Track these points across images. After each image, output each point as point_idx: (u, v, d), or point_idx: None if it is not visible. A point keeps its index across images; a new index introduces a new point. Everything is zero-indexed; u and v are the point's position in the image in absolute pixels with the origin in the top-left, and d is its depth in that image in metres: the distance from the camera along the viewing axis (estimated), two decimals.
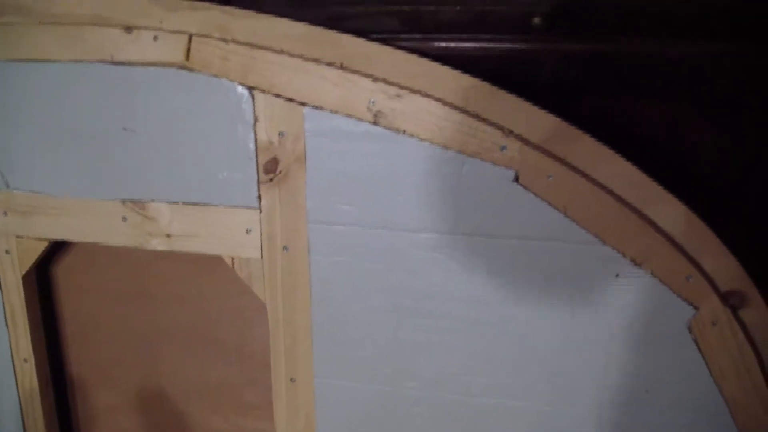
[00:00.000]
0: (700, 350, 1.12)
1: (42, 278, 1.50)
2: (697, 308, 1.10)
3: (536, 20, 1.12)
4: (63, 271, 1.51)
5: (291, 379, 1.32)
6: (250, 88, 1.18)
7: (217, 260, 1.29)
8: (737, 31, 1.10)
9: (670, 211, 1.08)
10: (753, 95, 1.11)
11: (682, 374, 1.14)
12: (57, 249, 1.47)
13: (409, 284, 1.21)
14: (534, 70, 1.14)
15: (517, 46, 1.14)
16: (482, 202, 1.13)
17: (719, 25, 1.10)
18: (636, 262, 1.10)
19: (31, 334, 1.47)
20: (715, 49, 1.11)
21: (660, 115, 1.15)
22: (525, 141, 1.09)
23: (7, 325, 1.47)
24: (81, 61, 1.24)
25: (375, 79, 1.12)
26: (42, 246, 1.40)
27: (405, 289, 1.21)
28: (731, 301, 1.09)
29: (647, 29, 1.11)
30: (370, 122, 1.14)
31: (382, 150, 1.15)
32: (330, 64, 1.14)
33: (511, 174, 1.11)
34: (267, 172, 1.21)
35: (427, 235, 1.17)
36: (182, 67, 1.19)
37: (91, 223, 1.34)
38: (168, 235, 1.30)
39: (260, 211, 1.24)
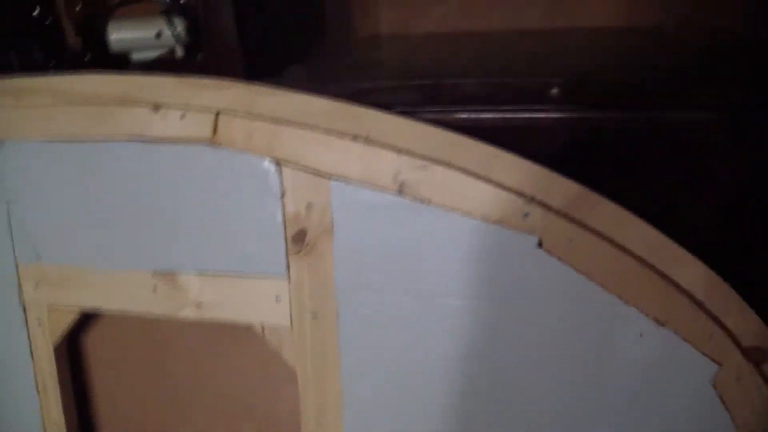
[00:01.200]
0: (725, 406, 1.14)
1: (72, 347, 1.52)
2: (720, 364, 1.12)
3: (554, 91, 1.15)
4: (93, 340, 1.53)
5: None
6: (276, 162, 1.21)
7: (246, 328, 1.32)
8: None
9: (692, 272, 1.11)
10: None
11: (708, 430, 1.16)
12: (87, 319, 1.49)
13: (436, 350, 1.23)
14: (552, 138, 1.17)
15: (535, 115, 1.17)
16: (506, 268, 1.16)
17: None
18: (659, 322, 1.13)
19: (62, 401, 1.49)
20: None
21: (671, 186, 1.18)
22: (547, 207, 1.12)
23: (38, 393, 1.49)
24: (109, 140, 1.27)
25: (399, 151, 1.15)
26: (72, 316, 1.43)
27: (432, 353, 1.23)
28: (754, 356, 1.12)
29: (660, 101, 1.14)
30: (395, 193, 1.17)
31: (408, 220, 1.18)
32: (354, 138, 1.17)
33: (534, 240, 1.13)
34: (295, 243, 1.24)
35: (453, 301, 1.19)
36: (209, 143, 1.22)
37: (121, 293, 1.36)
38: (198, 305, 1.32)
39: (289, 281, 1.26)
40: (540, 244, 1.13)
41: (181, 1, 1.55)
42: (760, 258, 1.19)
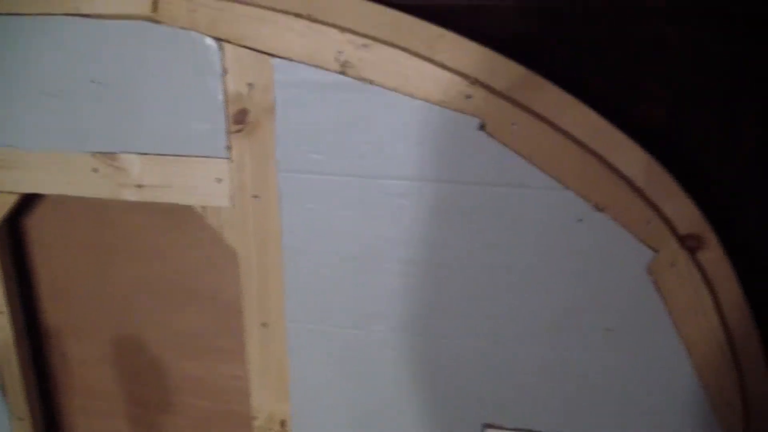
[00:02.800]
0: (659, 292, 1.16)
1: (14, 232, 1.51)
2: (656, 251, 1.14)
3: None
4: (35, 225, 1.52)
5: (263, 324, 1.35)
6: (218, 40, 1.19)
7: (189, 210, 1.31)
8: None
9: (631, 158, 1.11)
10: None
11: (642, 315, 1.18)
12: (28, 202, 1.48)
13: (377, 230, 1.24)
14: (498, 22, 1.16)
15: None
16: (449, 150, 1.16)
17: None
18: (598, 207, 1.13)
19: (4, 286, 1.48)
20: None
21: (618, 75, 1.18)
22: (490, 89, 1.11)
23: None
24: (47, 14, 1.24)
25: (342, 29, 1.13)
26: (12, 199, 1.41)
27: (373, 235, 1.24)
28: (689, 243, 1.13)
29: None
30: (338, 72, 1.15)
31: (350, 99, 1.17)
32: (297, 15, 1.15)
33: (477, 122, 1.13)
34: (236, 122, 1.22)
35: (394, 182, 1.20)
36: (150, 19, 1.20)
37: (62, 175, 1.35)
38: (139, 186, 1.31)
39: (230, 161, 1.25)
40: (482, 127, 1.13)
41: None
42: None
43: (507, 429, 1.31)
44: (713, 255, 1.13)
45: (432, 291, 1.25)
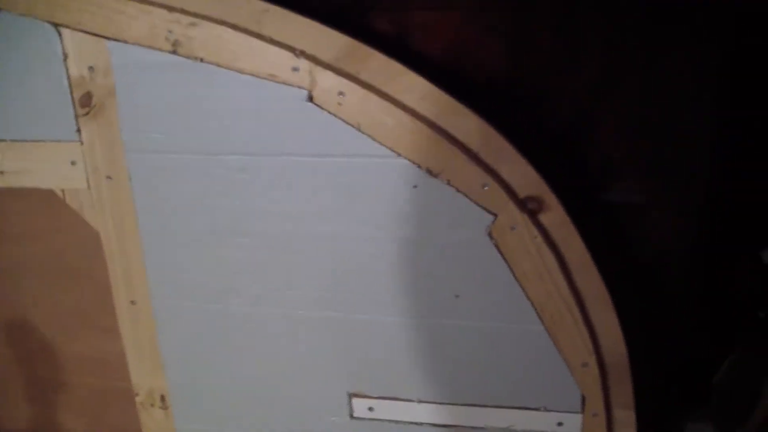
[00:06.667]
0: (502, 255, 1.16)
1: None
2: (495, 215, 1.14)
3: None
4: None
5: (132, 302, 1.38)
6: (56, 26, 1.21)
7: (53, 193, 1.34)
8: None
9: (464, 122, 1.12)
10: None
11: (489, 279, 1.19)
12: None
13: (223, 205, 1.25)
14: None
15: None
16: (281, 123, 1.17)
17: None
18: (432, 173, 1.14)
19: None
20: None
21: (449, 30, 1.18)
22: (316, 61, 1.12)
23: None
24: None
25: (171, 9, 1.15)
26: None
27: (220, 210, 1.26)
28: (529, 206, 1.13)
29: None
30: (170, 52, 1.17)
31: (184, 78, 1.18)
32: None
33: (304, 93, 1.14)
34: (83, 105, 1.25)
35: (233, 157, 1.21)
36: None
37: None
38: (1, 173, 1.34)
39: (82, 144, 1.28)
40: (310, 98, 1.14)
41: None
42: None
43: (373, 397, 1.33)
44: (555, 216, 1.14)
45: (278, 264, 1.27)
